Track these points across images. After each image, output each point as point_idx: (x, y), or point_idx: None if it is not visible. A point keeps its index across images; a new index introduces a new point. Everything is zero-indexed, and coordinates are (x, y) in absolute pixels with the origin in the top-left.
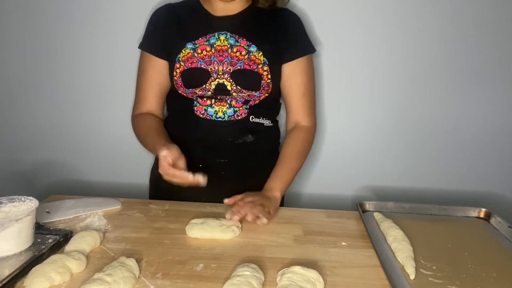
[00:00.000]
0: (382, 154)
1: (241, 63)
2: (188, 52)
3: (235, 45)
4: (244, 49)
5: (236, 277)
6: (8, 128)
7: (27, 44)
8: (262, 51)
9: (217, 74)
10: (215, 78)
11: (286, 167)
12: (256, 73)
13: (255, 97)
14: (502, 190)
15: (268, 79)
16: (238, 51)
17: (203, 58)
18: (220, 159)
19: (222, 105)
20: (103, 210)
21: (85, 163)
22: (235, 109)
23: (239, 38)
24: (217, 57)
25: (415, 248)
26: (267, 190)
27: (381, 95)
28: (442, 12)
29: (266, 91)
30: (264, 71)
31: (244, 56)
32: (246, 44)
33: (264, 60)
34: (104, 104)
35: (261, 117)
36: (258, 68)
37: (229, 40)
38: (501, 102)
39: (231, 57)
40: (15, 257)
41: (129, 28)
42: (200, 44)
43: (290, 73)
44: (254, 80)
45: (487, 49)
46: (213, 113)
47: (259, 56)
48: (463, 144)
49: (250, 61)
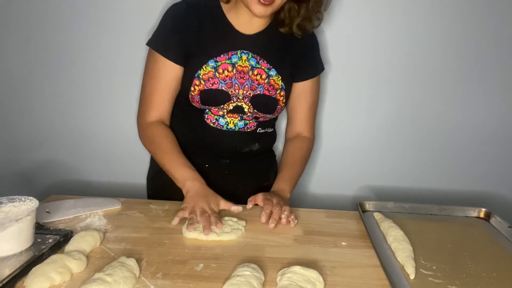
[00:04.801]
0: (382, 154)
1: (261, 87)
2: (210, 71)
3: (256, 67)
4: (265, 72)
5: (236, 277)
6: (9, 128)
7: (28, 44)
8: (281, 76)
9: (237, 98)
10: (234, 101)
11: (292, 171)
12: (274, 99)
13: (266, 117)
14: (502, 190)
15: (282, 103)
16: (258, 74)
17: (225, 79)
18: (224, 160)
19: (234, 117)
20: (103, 210)
21: (85, 163)
22: (246, 122)
23: (260, 60)
24: (238, 79)
25: (415, 248)
26: (279, 191)
27: (381, 95)
28: (442, 13)
29: (278, 112)
30: (281, 96)
31: (264, 80)
32: (266, 67)
33: (282, 85)
34: (104, 104)
35: (266, 128)
36: (276, 94)
37: (251, 61)
38: (501, 102)
39: (252, 80)
40: (15, 257)
41: (130, 29)
42: (221, 62)
43: (300, 91)
44: (272, 106)
45: (487, 50)
46: (224, 124)
47: (278, 80)
48: (463, 144)
49: (270, 86)
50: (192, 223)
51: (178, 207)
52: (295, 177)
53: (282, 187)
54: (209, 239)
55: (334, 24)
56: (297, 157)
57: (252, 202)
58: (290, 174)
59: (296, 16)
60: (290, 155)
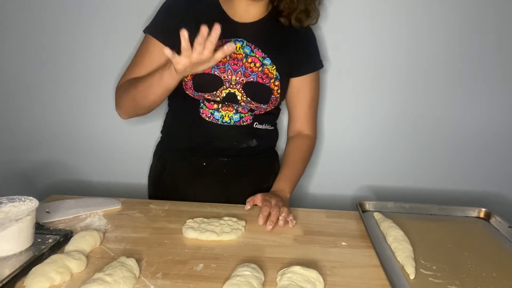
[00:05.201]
0: (382, 154)
1: (254, 75)
2: None
3: (250, 55)
4: (259, 60)
5: (236, 277)
6: (8, 128)
7: (27, 44)
8: (276, 65)
9: (229, 83)
10: (227, 87)
11: (293, 171)
12: (268, 88)
13: (261, 108)
14: (502, 190)
15: (277, 93)
16: (252, 62)
17: (218, 64)
18: (222, 158)
19: (229, 110)
20: (103, 210)
21: (85, 163)
22: (241, 115)
23: (255, 48)
24: (231, 65)
25: (415, 248)
26: (278, 192)
27: (381, 95)
28: (444, 13)
29: (273, 104)
30: (275, 85)
31: (258, 68)
32: (261, 56)
33: (277, 74)
34: (104, 104)
35: (264, 123)
36: (270, 82)
37: (245, 49)
38: (501, 102)
39: (245, 68)
40: (15, 257)
41: (130, 29)
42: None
43: (298, 87)
44: (265, 94)
45: (488, 50)
46: (219, 117)
47: (272, 70)
48: (463, 144)
49: (264, 74)
50: None
51: (178, 207)
52: (295, 177)
53: (282, 187)
54: (209, 239)
55: (335, 24)
56: (298, 156)
57: (251, 203)
58: (290, 174)
59: (295, 8)
60: (290, 154)
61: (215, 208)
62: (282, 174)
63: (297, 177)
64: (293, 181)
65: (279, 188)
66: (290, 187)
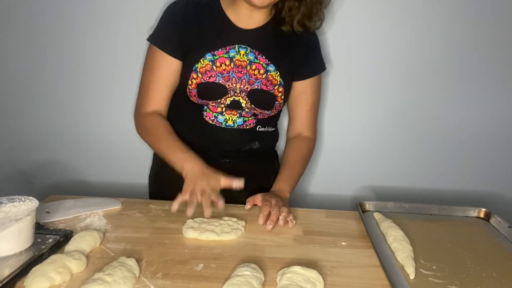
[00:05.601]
0: (382, 154)
1: (258, 82)
2: (207, 64)
3: (254, 62)
4: (263, 67)
5: (236, 277)
6: (9, 128)
7: (28, 45)
8: (280, 71)
9: (234, 92)
10: (231, 95)
11: (293, 171)
12: (272, 95)
13: (265, 114)
14: (502, 190)
15: (281, 99)
16: (256, 69)
17: (222, 73)
18: (224, 160)
19: (233, 114)
20: (103, 210)
21: (85, 163)
22: (244, 119)
23: (259, 55)
24: (235, 73)
25: (415, 248)
26: (278, 191)
27: (381, 96)
28: (444, 13)
29: (277, 110)
30: (279, 92)
31: (262, 75)
32: (265, 63)
33: (280, 80)
34: (104, 104)
35: (266, 126)
36: (274, 89)
37: (249, 55)
38: (501, 102)
39: (250, 75)
40: (15, 257)
41: (130, 29)
42: (219, 56)
43: (301, 90)
44: (269, 101)
45: (488, 50)
46: (223, 121)
47: (276, 76)
48: (463, 144)
49: (268, 81)
50: (192, 202)
51: (178, 207)
52: (295, 177)
53: (282, 187)
54: (209, 239)
55: (336, 24)
56: (298, 157)
57: (251, 202)
58: (290, 174)
59: (297, 14)
60: (290, 154)
61: (215, 208)
62: (282, 174)
63: (297, 178)
64: (293, 181)
65: (279, 188)
66: (290, 187)
